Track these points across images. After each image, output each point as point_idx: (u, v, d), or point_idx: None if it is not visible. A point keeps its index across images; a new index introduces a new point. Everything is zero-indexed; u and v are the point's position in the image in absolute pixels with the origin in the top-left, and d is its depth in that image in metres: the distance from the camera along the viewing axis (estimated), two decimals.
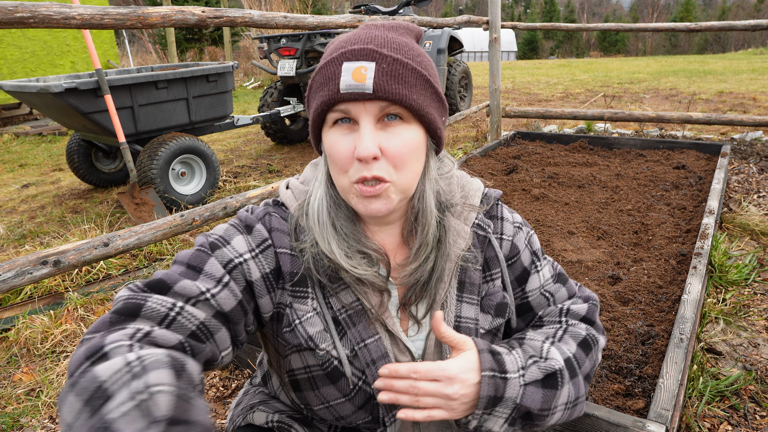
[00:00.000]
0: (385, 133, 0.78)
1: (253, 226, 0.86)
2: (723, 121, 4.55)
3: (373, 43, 0.77)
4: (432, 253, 0.87)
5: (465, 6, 67.75)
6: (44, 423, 1.78)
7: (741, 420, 1.59)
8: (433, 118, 0.81)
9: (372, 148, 0.76)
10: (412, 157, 0.80)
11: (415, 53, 0.80)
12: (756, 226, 2.84)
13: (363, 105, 0.76)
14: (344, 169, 0.79)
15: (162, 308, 0.72)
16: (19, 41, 8.07)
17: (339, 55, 0.77)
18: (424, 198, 0.86)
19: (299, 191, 0.91)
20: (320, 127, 0.84)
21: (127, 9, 2.03)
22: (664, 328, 1.84)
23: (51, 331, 2.21)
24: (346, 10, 17.21)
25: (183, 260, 0.81)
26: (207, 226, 3.20)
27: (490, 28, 4.81)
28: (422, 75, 0.79)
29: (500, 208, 1.00)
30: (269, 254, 0.85)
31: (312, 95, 0.82)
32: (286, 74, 5.32)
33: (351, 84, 0.75)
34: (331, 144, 0.80)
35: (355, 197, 0.81)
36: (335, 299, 0.86)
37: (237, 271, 0.82)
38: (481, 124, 6.28)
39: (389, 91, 0.75)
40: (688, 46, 46.07)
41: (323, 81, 0.79)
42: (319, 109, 0.79)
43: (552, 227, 2.79)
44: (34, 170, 5.47)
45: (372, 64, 0.75)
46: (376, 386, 0.79)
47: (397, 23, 0.83)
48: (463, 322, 0.92)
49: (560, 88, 9.61)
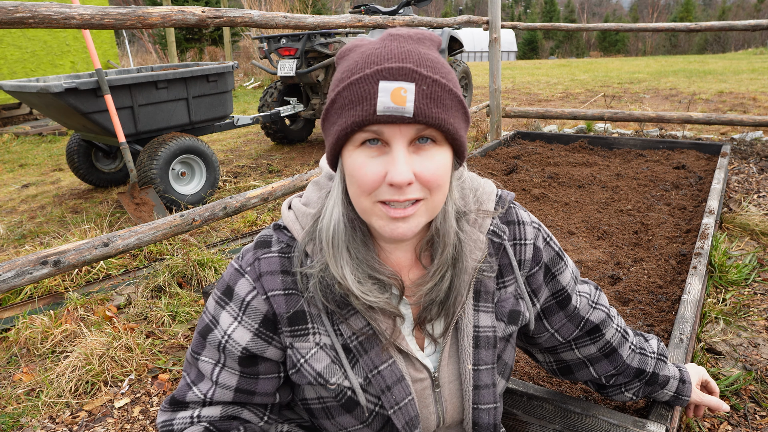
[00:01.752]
0: (418, 156, 0.75)
1: (233, 288, 0.87)
2: (723, 121, 4.55)
3: (409, 61, 0.72)
4: (448, 271, 0.84)
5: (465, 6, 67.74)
6: (44, 423, 1.78)
7: (741, 420, 1.59)
8: (463, 140, 0.78)
9: (407, 174, 0.72)
10: (444, 180, 0.77)
11: (447, 70, 0.77)
12: (756, 226, 2.84)
13: (399, 128, 0.72)
14: (368, 192, 0.76)
15: (185, 422, 0.91)
16: (19, 41, 8.07)
17: (374, 72, 0.72)
18: (446, 218, 0.83)
19: (303, 214, 0.87)
20: (342, 146, 0.78)
21: (127, 9, 2.03)
22: (664, 328, 1.84)
23: (51, 331, 2.20)
24: (346, 10, 17.20)
25: (192, 359, 0.93)
26: (207, 225, 3.20)
27: (490, 28, 4.82)
28: (456, 95, 0.76)
29: (516, 211, 0.97)
30: (255, 306, 0.85)
31: (336, 111, 0.76)
32: (286, 74, 5.32)
33: (390, 106, 0.70)
34: (358, 166, 0.75)
35: (378, 219, 0.77)
36: (345, 326, 0.84)
37: (228, 348, 0.87)
38: (481, 124, 6.29)
39: (429, 116, 0.72)
40: (688, 46, 46.07)
41: (355, 99, 0.72)
42: (348, 128, 0.73)
43: (552, 227, 2.79)
44: (34, 170, 5.47)
45: (412, 85, 0.71)
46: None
47: (422, 34, 0.79)
48: (482, 332, 0.90)
49: (560, 88, 9.61)
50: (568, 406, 1.24)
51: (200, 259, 2.70)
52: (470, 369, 0.89)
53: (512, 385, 1.32)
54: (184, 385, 0.93)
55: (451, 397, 0.91)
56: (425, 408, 0.90)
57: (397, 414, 0.85)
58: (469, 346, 0.89)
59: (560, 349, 1.13)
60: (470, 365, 0.89)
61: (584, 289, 1.10)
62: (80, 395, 1.90)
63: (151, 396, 1.90)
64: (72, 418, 1.80)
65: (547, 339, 1.09)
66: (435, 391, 0.90)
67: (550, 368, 1.20)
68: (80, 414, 1.82)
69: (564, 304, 1.04)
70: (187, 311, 2.39)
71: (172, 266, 2.68)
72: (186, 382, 0.93)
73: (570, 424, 1.24)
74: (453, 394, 0.91)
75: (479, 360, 0.90)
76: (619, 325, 1.13)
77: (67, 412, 1.83)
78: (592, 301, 1.09)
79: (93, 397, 1.90)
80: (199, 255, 2.75)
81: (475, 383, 0.90)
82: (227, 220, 3.61)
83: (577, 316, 1.07)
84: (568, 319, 1.06)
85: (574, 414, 1.23)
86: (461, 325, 0.89)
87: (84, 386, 1.93)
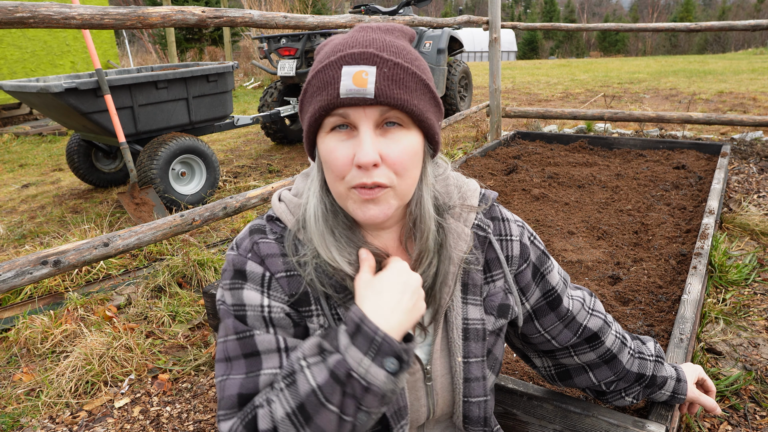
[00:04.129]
0: (384, 139, 0.77)
1: (244, 269, 0.83)
2: (723, 121, 4.55)
3: (372, 46, 0.76)
4: (434, 258, 0.87)
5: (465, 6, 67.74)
6: (44, 423, 1.78)
7: (741, 420, 1.59)
8: (431, 123, 0.80)
9: (372, 154, 0.74)
10: (411, 164, 0.79)
11: (413, 57, 0.79)
12: (756, 226, 2.84)
13: (363, 110, 0.75)
14: (341, 176, 0.78)
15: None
16: (19, 41, 8.07)
17: (338, 58, 0.75)
18: (421, 203, 0.85)
19: (293, 205, 0.89)
20: (315, 133, 0.81)
21: (127, 9, 2.03)
22: (664, 328, 1.84)
23: (51, 331, 2.21)
24: (346, 10, 17.20)
25: (236, 354, 0.80)
26: (207, 225, 3.20)
27: (490, 28, 4.81)
28: (422, 79, 0.78)
29: (499, 209, 1.00)
30: (274, 284, 0.83)
31: (308, 99, 0.80)
32: (286, 74, 5.32)
33: (351, 89, 0.73)
34: (329, 150, 0.78)
35: (352, 203, 0.79)
36: (343, 309, 0.85)
37: (273, 316, 0.81)
38: (481, 124, 6.29)
39: (391, 96, 0.74)
40: (688, 46, 46.07)
41: (320, 85, 0.76)
42: (316, 114, 0.77)
43: (552, 227, 2.79)
44: (34, 170, 5.47)
45: (373, 68, 0.74)
46: None
47: (392, 25, 0.82)
48: (471, 324, 0.92)
49: (560, 88, 9.61)
50: (568, 406, 1.24)
51: (200, 259, 2.71)
52: (460, 361, 0.91)
53: (512, 385, 1.32)
54: (240, 382, 0.79)
55: (442, 391, 0.93)
56: (416, 401, 0.91)
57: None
58: (459, 339, 0.91)
59: (559, 354, 1.13)
60: (460, 357, 0.91)
61: (577, 294, 1.10)
62: (80, 395, 1.90)
63: (151, 396, 1.90)
64: (72, 418, 1.80)
65: (542, 342, 1.10)
66: (427, 384, 0.91)
67: (548, 374, 1.20)
68: (80, 414, 1.82)
69: (555, 304, 1.04)
70: (187, 311, 2.39)
71: (172, 266, 2.68)
72: (240, 379, 0.79)
73: (570, 424, 1.24)
74: (444, 388, 0.93)
75: (469, 352, 0.92)
76: (617, 332, 1.14)
77: (67, 412, 1.83)
78: (588, 307, 1.09)
79: (93, 397, 1.90)
80: (199, 255, 2.75)
81: (466, 376, 0.91)
82: (227, 220, 3.61)
83: (573, 321, 1.07)
84: (561, 322, 1.06)
85: (574, 414, 1.23)
86: (450, 318, 0.91)
87: (84, 386, 1.93)
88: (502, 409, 1.33)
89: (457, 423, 0.95)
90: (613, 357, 1.12)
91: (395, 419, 0.87)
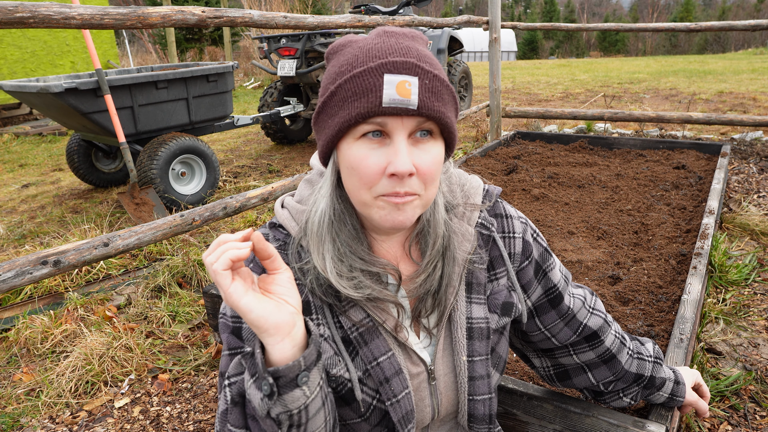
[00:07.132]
0: (416, 149, 0.77)
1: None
2: (723, 121, 4.55)
3: (410, 56, 0.75)
4: (439, 260, 0.87)
5: (465, 6, 67.74)
6: (44, 423, 1.78)
7: (741, 420, 1.59)
8: (456, 134, 0.82)
9: (409, 164, 0.74)
10: (438, 173, 0.80)
11: (441, 67, 0.80)
12: (756, 226, 2.84)
13: (401, 120, 0.75)
14: (370, 184, 0.77)
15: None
16: (19, 41, 8.07)
17: (378, 65, 0.74)
18: (436, 209, 0.86)
19: (297, 212, 0.88)
20: (340, 138, 0.79)
21: (127, 9, 2.03)
22: (664, 328, 1.84)
23: (51, 331, 2.21)
24: (346, 10, 17.21)
25: (226, 354, 0.84)
26: (207, 226, 3.20)
27: (490, 28, 4.82)
28: (452, 92, 0.79)
29: (503, 205, 1.00)
30: None
31: (338, 104, 0.76)
32: (286, 74, 5.32)
33: (395, 98, 0.72)
34: (359, 157, 0.76)
35: (378, 210, 0.78)
36: (345, 317, 0.85)
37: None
38: (481, 124, 6.29)
39: (432, 108, 0.75)
40: (688, 46, 46.06)
41: (358, 91, 0.74)
42: (352, 120, 0.74)
43: (552, 227, 2.79)
44: (34, 170, 5.47)
45: (415, 78, 0.74)
46: None
47: (413, 32, 0.82)
48: (475, 323, 0.92)
49: (560, 88, 9.61)
50: (568, 406, 1.24)
51: (200, 259, 2.70)
52: (465, 360, 0.91)
53: (512, 385, 1.32)
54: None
55: (446, 390, 0.93)
56: (421, 401, 0.91)
57: (394, 407, 0.86)
58: (463, 338, 0.91)
59: (558, 354, 1.13)
60: (464, 356, 0.91)
61: (578, 292, 1.10)
62: (80, 395, 1.90)
63: (151, 396, 1.90)
64: (72, 418, 1.80)
65: (542, 339, 1.10)
66: (431, 384, 0.91)
67: (547, 374, 1.20)
68: (80, 414, 1.82)
69: (556, 302, 1.04)
70: (187, 311, 2.39)
71: (172, 266, 2.68)
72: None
73: (570, 424, 1.24)
74: (448, 387, 0.93)
75: (473, 351, 0.91)
76: (617, 332, 1.14)
77: (67, 412, 1.83)
78: (589, 306, 1.09)
79: (93, 397, 1.90)
80: (199, 255, 2.75)
81: (470, 374, 0.91)
82: (227, 220, 3.61)
83: (573, 320, 1.07)
84: (562, 319, 1.06)
85: (574, 414, 1.23)
86: (454, 317, 0.91)
87: (84, 386, 1.93)
88: (502, 409, 1.33)
89: (462, 422, 0.94)
90: (612, 357, 1.12)
91: (402, 423, 0.87)
